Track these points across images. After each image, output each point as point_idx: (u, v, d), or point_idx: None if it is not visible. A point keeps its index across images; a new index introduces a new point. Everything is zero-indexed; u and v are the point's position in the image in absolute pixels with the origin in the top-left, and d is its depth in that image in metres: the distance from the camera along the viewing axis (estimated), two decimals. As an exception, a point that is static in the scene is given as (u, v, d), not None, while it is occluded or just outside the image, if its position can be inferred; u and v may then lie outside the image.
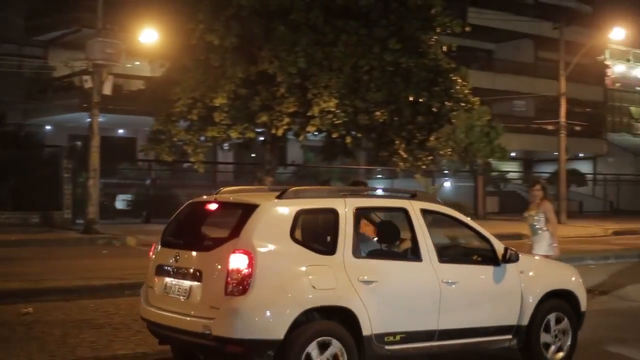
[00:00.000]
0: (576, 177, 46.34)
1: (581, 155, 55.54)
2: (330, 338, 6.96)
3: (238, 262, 6.77)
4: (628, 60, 64.94)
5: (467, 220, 8.47)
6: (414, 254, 7.79)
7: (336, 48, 23.74)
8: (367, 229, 8.84)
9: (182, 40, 24.63)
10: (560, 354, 8.54)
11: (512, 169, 50.99)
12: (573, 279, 8.94)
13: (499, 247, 8.26)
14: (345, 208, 7.46)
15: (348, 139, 25.61)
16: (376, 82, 23.89)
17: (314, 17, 23.91)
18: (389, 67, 24.11)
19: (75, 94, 32.76)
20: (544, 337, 8.44)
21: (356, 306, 7.07)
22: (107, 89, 24.73)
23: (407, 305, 7.50)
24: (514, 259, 8.24)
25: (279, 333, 6.72)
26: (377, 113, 24.02)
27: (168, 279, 7.47)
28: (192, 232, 7.81)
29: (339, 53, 23.69)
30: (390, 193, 8.84)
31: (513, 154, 46.48)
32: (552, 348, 8.50)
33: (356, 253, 7.35)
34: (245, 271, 6.75)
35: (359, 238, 7.58)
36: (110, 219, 27.74)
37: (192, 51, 24.65)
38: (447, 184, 37.63)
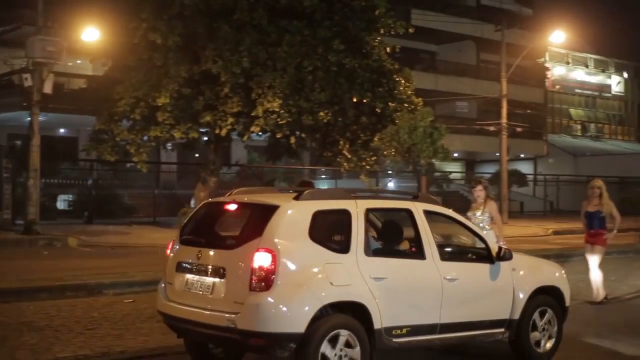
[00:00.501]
0: (517, 178, 46.95)
1: (522, 156, 56.35)
2: (345, 331, 7.32)
3: (262, 260, 7.12)
4: (567, 63, 66.16)
5: (464, 220, 9.00)
6: (418, 253, 8.23)
7: (280, 48, 23.75)
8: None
9: (124, 39, 24.40)
10: (548, 345, 9.02)
11: (454, 169, 51.49)
12: (558, 275, 9.47)
13: (494, 246, 8.78)
14: (357, 209, 7.87)
15: (292, 139, 25.65)
16: (320, 82, 23.95)
17: (258, 17, 23.90)
18: (333, 67, 24.20)
19: (15, 92, 32.13)
20: (534, 331, 8.91)
21: (369, 301, 7.47)
22: (47, 88, 24.32)
23: (413, 301, 7.92)
24: (508, 257, 8.71)
25: (301, 326, 7.07)
26: (321, 113, 24.08)
27: (189, 276, 7.77)
28: (213, 231, 8.19)
29: (283, 53, 23.71)
30: (395, 195, 9.42)
31: (456, 155, 46.89)
32: (541, 340, 8.96)
33: (367, 251, 7.73)
34: (269, 268, 7.09)
35: (369, 237, 7.97)
36: (51, 220, 27.29)
37: (134, 50, 24.44)
38: (391, 184, 37.83)
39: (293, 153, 28.80)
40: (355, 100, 24.47)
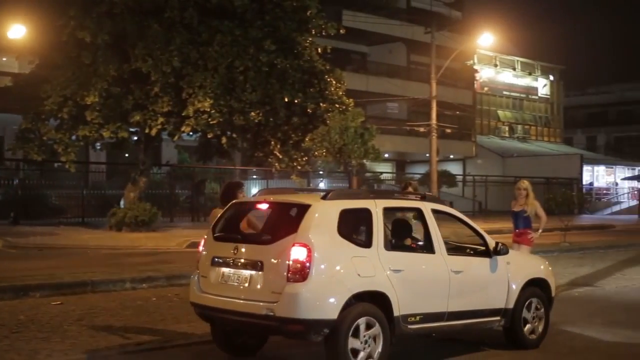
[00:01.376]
0: (447, 178, 47.56)
1: (452, 156, 57.09)
2: (370, 318, 8.04)
3: (298, 253, 7.79)
4: (495, 66, 67.28)
5: (466, 218, 9.78)
6: (428, 247, 9.00)
7: (211, 48, 23.65)
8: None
9: (52, 36, 24.02)
10: (537, 332, 9.88)
11: (385, 169, 51.93)
12: (544, 268, 10.35)
13: (491, 241, 9.61)
14: (376, 208, 8.61)
15: (223, 140, 25.56)
16: (251, 82, 23.92)
17: (189, 16, 23.76)
18: (265, 67, 24.19)
19: (-62, 90, 31.39)
20: (526, 318, 9.72)
21: (389, 291, 8.21)
22: (-29, 86, 23.83)
23: (425, 291, 8.68)
24: (504, 252, 9.59)
25: (334, 313, 7.78)
26: (253, 114, 24.05)
27: (225, 269, 8.40)
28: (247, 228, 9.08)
29: (214, 53, 23.61)
30: (407, 195, 9.96)
31: (386, 155, 47.29)
32: (531, 327, 9.81)
33: (387, 246, 8.49)
34: (304, 261, 7.77)
35: (387, 233, 8.71)
36: (-24, 221, 26.70)
37: (63, 48, 24.07)
38: (322, 185, 37.94)
39: (224, 153, 28.70)
40: (286, 100, 24.49)
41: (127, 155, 35.39)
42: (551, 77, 74.00)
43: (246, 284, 8.15)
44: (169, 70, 23.39)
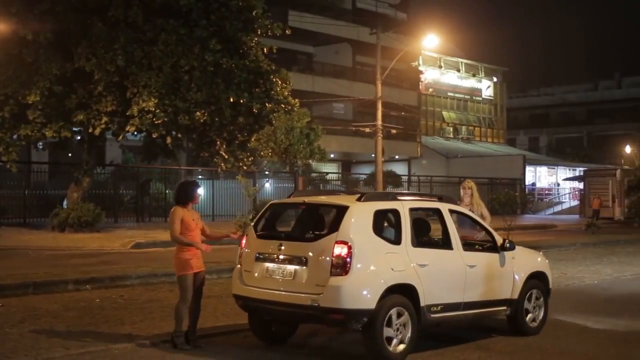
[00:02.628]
0: (392, 179, 47.79)
1: (397, 157, 57.41)
2: (401, 308, 8.92)
3: (340, 250, 8.66)
4: (440, 67, 67.91)
5: (477, 217, 10.95)
6: (446, 244, 9.93)
7: (156, 47, 23.50)
8: None
9: (-8, 34, 23.62)
10: (538, 320, 10.84)
11: (331, 170, 52.02)
12: (543, 262, 11.32)
13: (499, 238, 10.54)
14: (403, 208, 9.46)
15: (168, 139, 25.39)
16: (197, 82, 23.81)
17: (133, 14, 23.58)
18: (210, 67, 24.11)
19: None
20: (527, 307, 10.68)
21: (417, 283, 9.11)
22: None
23: (445, 283, 9.56)
24: (510, 248, 10.49)
25: (372, 304, 8.67)
26: (198, 113, 23.94)
27: (269, 264, 9.21)
28: (292, 227, 10.02)
29: (159, 52, 23.46)
30: (426, 197, 11.09)
31: (332, 156, 47.37)
32: (533, 316, 10.77)
33: (413, 243, 9.35)
34: (346, 257, 8.64)
35: (414, 231, 9.49)
36: None
37: (3, 45, 23.70)
38: (268, 185, 37.85)
39: (169, 153, 28.51)
40: (232, 100, 24.44)
41: (70, 155, 34.91)
42: (495, 79, 74.94)
43: (290, 278, 8.97)
44: (113, 69, 23.18)
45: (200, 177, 38.52)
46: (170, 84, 23.60)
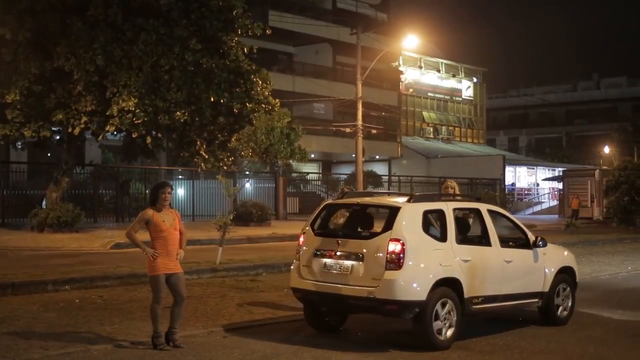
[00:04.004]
0: (373, 179, 47.89)
1: (377, 157, 57.50)
2: (447, 299, 9.77)
3: (394, 247, 9.55)
4: (420, 67, 68.09)
5: (513, 217, 11.89)
6: (486, 241, 10.74)
7: (136, 46, 23.38)
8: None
9: (-29, 33, 23.43)
10: (567, 310, 11.72)
11: (312, 170, 52.03)
12: (570, 258, 12.19)
13: (532, 236, 11.42)
14: (448, 209, 10.31)
15: (148, 139, 25.29)
16: (177, 82, 23.72)
17: (113, 14, 23.46)
18: (190, 67, 24.02)
19: None
20: (557, 300, 11.58)
21: (461, 277, 9.98)
22: None
23: (485, 277, 10.41)
24: (542, 245, 11.42)
25: (423, 295, 9.54)
26: (178, 113, 23.84)
27: (327, 260, 10.10)
28: (347, 226, 10.90)
29: (139, 51, 23.35)
30: (466, 198, 12.32)
31: (312, 156, 47.38)
32: (561, 307, 11.66)
33: (457, 240, 10.20)
34: (400, 253, 9.52)
35: (458, 229, 10.35)
36: None
37: (-19, 45, 23.51)
38: (248, 185, 37.81)
39: (149, 153, 28.39)
40: (212, 100, 24.35)
41: (49, 154, 34.72)
42: (475, 79, 75.24)
43: (348, 272, 9.85)
44: (93, 69, 23.06)
45: (180, 177, 38.43)
46: (150, 84, 23.49)
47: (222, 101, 24.63)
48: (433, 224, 10.46)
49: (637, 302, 14.14)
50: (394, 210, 9.94)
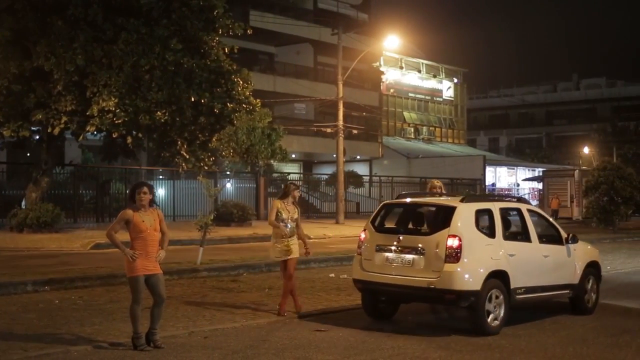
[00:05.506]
0: (354, 179, 47.93)
1: (358, 157, 57.53)
2: (497, 290, 10.85)
3: (453, 242, 10.61)
4: (401, 68, 68.21)
5: (547, 216, 12.98)
6: (527, 238, 11.88)
7: (116, 46, 23.31)
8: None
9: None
10: (593, 301, 12.92)
11: (293, 170, 51.98)
12: (595, 253, 13.40)
13: (564, 233, 12.53)
14: (495, 208, 11.44)
15: (129, 139, 25.20)
16: (157, 81, 23.66)
17: (93, 13, 23.37)
18: (171, 67, 23.96)
19: None
20: (585, 291, 12.73)
21: (508, 269, 11.05)
22: None
23: (527, 270, 11.49)
24: (574, 241, 12.56)
25: (478, 286, 10.60)
26: (159, 113, 23.78)
27: (389, 254, 11.17)
28: (404, 223, 11.77)
29: (119, 51, 23.28)
30: (509, 198, 13.47)
31: (294, 156, 47.34)
32: (589, 298, 12.85)
33: (504, 236, 11.32)
34: (457, 248, 10.58)
35: (505, 227, 11.47)
36: None
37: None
38: (229, 185, 37.72)
39: (130, 153, 28.31)
40: (193, 100, 24.32)
41: (28, 154, 34.52)
42: (455, 80, 75.46)
43: (409, 265, 10.91)
44: (73, 69, 22.96)
45: (161, 177, 38.33)
46: (130, 84, 23.42)
47: (202, 101, 24.59)
48: (484, 222, 11.35)
49: (616, 301, 14.22)
50: (450, 210, 11.00)
